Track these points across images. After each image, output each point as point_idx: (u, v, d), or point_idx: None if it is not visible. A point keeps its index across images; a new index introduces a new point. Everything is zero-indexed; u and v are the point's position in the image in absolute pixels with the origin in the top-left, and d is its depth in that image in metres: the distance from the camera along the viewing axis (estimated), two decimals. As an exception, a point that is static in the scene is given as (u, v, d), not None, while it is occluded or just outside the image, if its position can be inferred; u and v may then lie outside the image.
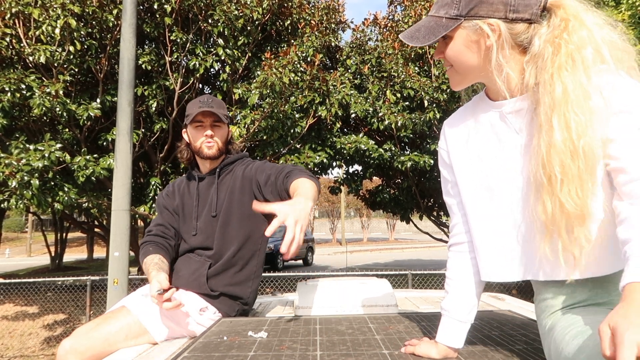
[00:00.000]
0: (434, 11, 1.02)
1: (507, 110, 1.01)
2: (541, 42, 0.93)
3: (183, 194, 1.90)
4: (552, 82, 0.90)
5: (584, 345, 0.81)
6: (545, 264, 0.98)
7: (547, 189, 0.90)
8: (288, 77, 5.81)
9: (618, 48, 0.92)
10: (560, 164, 0.87)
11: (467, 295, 1.11)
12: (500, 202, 1.02)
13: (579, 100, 0.87)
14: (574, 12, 0.92)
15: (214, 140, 1.81)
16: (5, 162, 4.99)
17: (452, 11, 0.97)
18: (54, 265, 15.71)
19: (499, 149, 1.02)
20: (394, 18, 7.90)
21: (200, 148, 1.81)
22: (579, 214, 0.87)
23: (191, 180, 1.91)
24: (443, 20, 0.98)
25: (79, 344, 1.46)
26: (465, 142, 1.10)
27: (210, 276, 1.72)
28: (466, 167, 1.09)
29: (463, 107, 1.18)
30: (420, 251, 22.93)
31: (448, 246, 1.19)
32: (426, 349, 1.14)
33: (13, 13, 5.43)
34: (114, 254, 4.20)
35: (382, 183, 8.96)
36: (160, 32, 6.25)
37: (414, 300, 2.37)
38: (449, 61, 1.03)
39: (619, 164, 0.85)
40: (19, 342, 7.23)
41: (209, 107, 1.79)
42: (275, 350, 1.22)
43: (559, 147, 0.87)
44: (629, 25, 4.99)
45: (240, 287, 1.76)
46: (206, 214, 1.80)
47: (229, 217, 1.78)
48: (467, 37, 0.98)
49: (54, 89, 5.27)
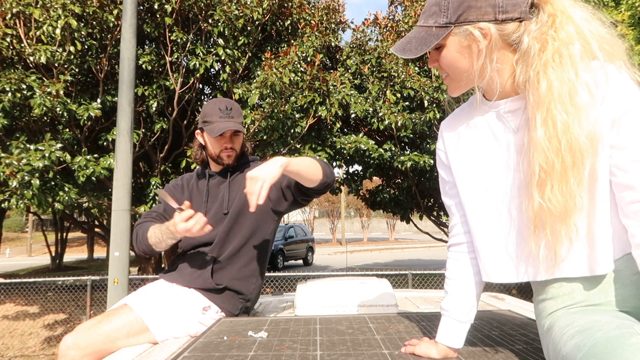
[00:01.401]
0: (422, 22, 1.01)
1: (504, 110, 1.01)
2: (529, 39, 0.92)
3: (192, 190, 1.91)
4: (538, 79, 0.90)
5: (581, 344, 0.81)
6: (543, 264, 0.98)
7: (535, 185, 0.90)
8: (288, 77, 5.81)
9: (608, 42, 0.91)
10: (543, 160, 0.88)
11: (467, 295, 1.12)
12: (499, 201, 1.03)
13: (564, 96, 0.87)
14: (561, 8, 0.92)
15: (232, 150, 1.84)
16: (5, 162, 4.99)
17: (441, 19, 0.97)
18: (55, 265, 15.71)
19: (496, 148, 1.03)
20: (394, 18, 7.90)
21: (219, 157, 1.84)
22: (562, 211, 0.87)
23: (201, 178, 1.92)
24: (433, 29, 0.98)
25: (81, 339, 1.47)
26: (463, 142, 1.11)
27: (216, 270, 1.74)
28: (464, 168, 1.09)
29: (460, 107, 1.19)
30: (420, 251, 22.92)
31: (447, 246, 1.19)
32: (426, 349, 1.14)
33: (14, 13, 5.43)
34: (114, 253, 4.20)
35: (382, 183, 8.95)
36: (160, 32, 6.25)
37: (414, 300, 2.37)
38: (444, 69, 1.04)
39: (627, 180, 0.86)
40: (20, 342, 7.23)
41: (230, 117, 1.80)
42: (275, 350, 1.22)
43: (542, 144, 0.88)
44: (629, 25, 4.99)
45: (244, 283, 1.78)
46: (216, 210, 1.82)
47: (240, 214, 1.80)
48: (459, 43, 0.98)
49: (55, 89, 5.27)
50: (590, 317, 0.88)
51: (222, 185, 1.86)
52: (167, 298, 1.66)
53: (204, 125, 1.83)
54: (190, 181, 1.94)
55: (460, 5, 0.95)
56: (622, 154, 0.87)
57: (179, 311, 1.62)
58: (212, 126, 1.78)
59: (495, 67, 0.97)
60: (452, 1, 0.96)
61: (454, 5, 0.95)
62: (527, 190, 0.94)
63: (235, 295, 1.76)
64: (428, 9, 1.00)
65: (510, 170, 1.00)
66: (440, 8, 0.97)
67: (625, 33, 4.86)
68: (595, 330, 0.82)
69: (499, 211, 1.03)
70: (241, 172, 1.88)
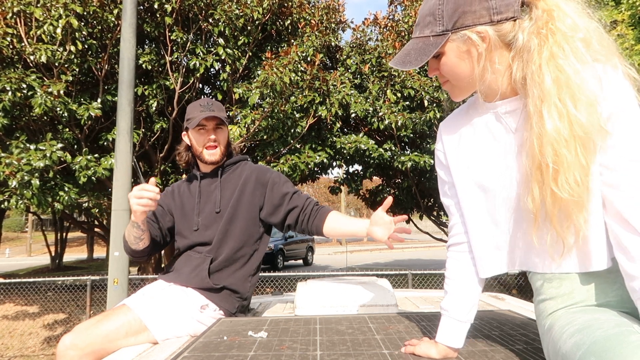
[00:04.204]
0: (417, 33, 1.02)
1: (503, 111, 1.02)
2: (525, 36, 0.92)
3: (183, 194, 1.92)
4: (541, 73, 0.89)
5: (580, 343, 0.81)
6: (542, 259, 0.99)
7: (537, 178, 0.90)
8: (288, 76, 5.81)
9: (602, 37, 0.92)
10: (553, 153, 0.87)
11: (467, 295, 1.12)
12: (498, 201, 1.03)
13: (572, 88, 0.87)
14: (555, 2, 0.92)
15: (217, 144, 1.84)
16: (5, 161, 4.99)
17: (437, 28, 0.97)
18: (54, 265, 15.71)
19: (495, 149, 1.03)
20: (394, 18, 7.90)
21: (201, 154, 1.84)
22: (577, 200, 0.87)
23: (192, 180, 1.93)
24: (430, 38, 0.98)
25: (79, 339, 1.47)
26: (461, 143, 1.11)
27: (213, 271, 1.75)
28: (463, 168, 1.10)
29: (458, 108, 1.19)
30: (420, 251, 22.91)
31: (447, 246, 1.19)
32: (426, 349, 1.14)
33: (15, 12, 5.43)
34: (114, 253, 4.20)
35: (382, 183, 8.96)
36: (160, 32, 6.25)
37: (414, 300, 2.37)
38: (445, 76, 1.03)
39: (613, 179, 0.87)
40: (19, 342, 7.23)
41: (211, 110, 1.81)
42: (275, 350, 1.22)
43: (551, 136, 0.87)
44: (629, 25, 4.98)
45: (241, 282, 1.79)
46: (209, 210, 1.83)
47: (236, 216, 1.81)
48: (458, 49, 0.98)
49: (56, 89, 5.27)
50: (590, 315, 0.89)
51: (214, 185, 1.87)
52: (165, 297, 1.66)
53: (187, 124, 1.85)
54: (182, 186, 1.95)
55: (454, 11, 0.95)
56: (611, 153, 0.87)
57: (177, 310, 1.62)
58: (194, 120, 1.80)
59: (496, 69, 0.97)
60: (447, 9, 0.96)
61: (449, 13, 0.95)
62: (526, 184, 0.94)
63: (232, 294, 1.77)
64: (422, 20, 1.01)
65: (509, 170, 1.00)
66: (435, 17, 0.97)
67: (625, 33, 4.86)
68: (595, 328, 0.82)
69: (497, 210, 1.03)
70: (232, 172, 1.89)
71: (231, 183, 1.86)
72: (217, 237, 1.78)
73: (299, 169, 6.50)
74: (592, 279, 0.95)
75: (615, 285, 0.94)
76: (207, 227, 1.80)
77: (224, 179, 1.88)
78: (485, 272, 1.08)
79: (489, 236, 1.06)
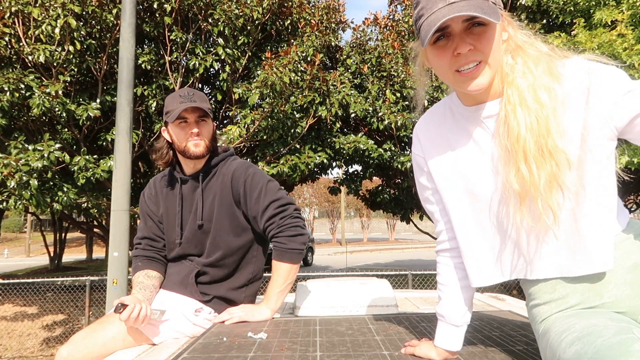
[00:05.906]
0: None
1: (484, 115, 1.00)
2: None
3: (166, 197, 1.79)
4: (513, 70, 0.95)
5: (582, 352, 0.79)
6: (533, 263, 0.98)
7: (521, 157, 0.91)
8: (288, 76, 5.80)
9: (544, 41, 0.98)
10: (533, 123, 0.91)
11: (460, 300, 1.11)
12: (483, 206, 1.02)
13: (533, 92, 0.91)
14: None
15: (201, 137, 1.66)
16: (4, 162, 4.98)
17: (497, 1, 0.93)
18: (53, 265, 15.70)
19: (477, 153, 1.02)
20: (394, 17, 7.90)
21: (186, 147, 1.66)
22: (558, 161, 0.90)
23: (173, 183, 1.79)
24: (496, 6, 0.89)
25: (76, 350, 1.45)
26: (442, 147, 1.09)
27: (200, 282, 1.70)
28: (446, 173, 1.08)
29: (431, 110, 1.17)
30: (420, 251, 22.93)
31: (436, 252, 1.18)
32: (426, 350, 1.13)
33: (13, 12, 5.42)
34: (113, 254, 4.19)
35: (382, 183, 8.95)
36: (159, 32, 6.24)
37: (414, 300, 2.36)
38: (482, 55, 0.90)
39: None
40: (18, 343, 7.21)
41: (192, 101, 1.62)
42: (275, 351, 1.21)
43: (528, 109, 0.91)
44: (629, 25, 4.98)
45: (233, 293, 1.73)
46: (191, 222, 1.72)
47: (219, 228, 1.70)
48: (499, 33, 0.93)
49: (54, 89, 5.26)
50: (587, 321, 0.87)
51: (196, 192, 1.72)
52: (159, 302, 1.65)
53: (166, 117, 1.67)
54: (163, 187, 1.81)
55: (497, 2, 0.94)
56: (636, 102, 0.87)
57: (172, 314, 1.60)
58: (173, 113, 1.61)
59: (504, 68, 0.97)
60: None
61: None
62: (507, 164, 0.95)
63: (225, 303, 1.72)
64: None
65: (493, 174, 0.99)
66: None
67: (625, 33, 4.85)
68: (595, 336, 0.80)
69: (483, 215, 1.03)
70: (214, 175, 1.73)
71: (212, 190, 1.72)
72: (200, 251, 1.72)
73: (299, 169, 6.50)
74: (587, 282, 0.94)
75: (609, 286, 0.93)
76: (191, 240, 1.72)
77: (206, 186, 1.72)
78: (478, 282, 1.07)
79: (478, 244, 1.05)
